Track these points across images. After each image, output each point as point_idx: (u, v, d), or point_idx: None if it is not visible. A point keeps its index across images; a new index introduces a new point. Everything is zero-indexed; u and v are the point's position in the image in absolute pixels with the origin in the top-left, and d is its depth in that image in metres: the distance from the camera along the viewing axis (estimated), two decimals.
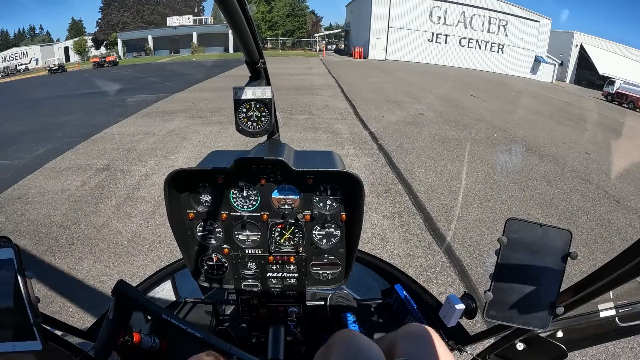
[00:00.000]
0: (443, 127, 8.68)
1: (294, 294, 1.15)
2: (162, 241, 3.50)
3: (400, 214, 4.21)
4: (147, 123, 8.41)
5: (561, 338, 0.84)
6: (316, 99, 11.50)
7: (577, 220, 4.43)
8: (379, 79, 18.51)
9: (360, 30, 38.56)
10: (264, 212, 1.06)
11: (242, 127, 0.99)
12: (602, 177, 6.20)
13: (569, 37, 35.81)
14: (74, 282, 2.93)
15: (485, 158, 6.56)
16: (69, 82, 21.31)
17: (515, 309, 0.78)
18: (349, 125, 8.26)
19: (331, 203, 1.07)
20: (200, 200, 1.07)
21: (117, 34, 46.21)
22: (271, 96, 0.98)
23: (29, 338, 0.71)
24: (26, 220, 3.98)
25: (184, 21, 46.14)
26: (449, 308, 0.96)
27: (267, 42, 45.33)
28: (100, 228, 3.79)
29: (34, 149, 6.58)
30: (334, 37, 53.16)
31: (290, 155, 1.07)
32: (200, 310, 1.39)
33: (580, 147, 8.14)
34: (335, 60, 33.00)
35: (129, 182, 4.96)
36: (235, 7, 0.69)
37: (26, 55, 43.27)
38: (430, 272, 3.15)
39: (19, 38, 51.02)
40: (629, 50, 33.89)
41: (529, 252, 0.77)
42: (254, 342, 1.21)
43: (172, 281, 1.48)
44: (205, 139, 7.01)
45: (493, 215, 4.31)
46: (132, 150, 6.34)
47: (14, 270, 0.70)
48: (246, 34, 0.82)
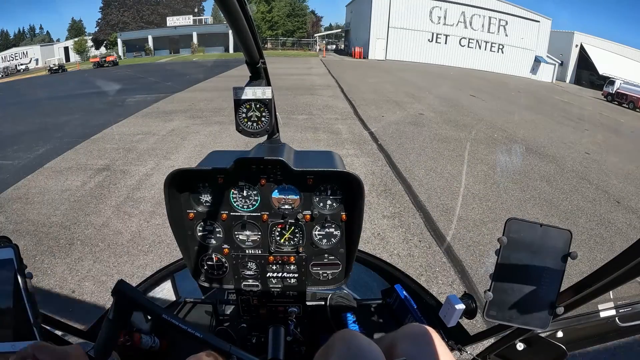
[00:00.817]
0: (443, 127, 8.68)
1: (294, 294, 1.15)
2: (162, 241, 3.50)
3: (400, 214, 4.20)
4: (147, 123, 8.41)
5: (561, 338, 0.83)
6: (316, 99, 11.50)
7: (577, 220, 4.43)
8: (379, 79, 18.51)
9: (360, 30, 38.55)
10: (264, 212, 1.06)
11: (242, 127, 0.99)
12: (602, 177, 6.20)
13: (569, 37, 35.80)
14: (74, 282, 2.93)
15: (485, 158, 6.56)
16: (69, 82, 21.30)
17: (515, 309, 0.78)
18: (349, 125, 8.26)
19: (331, 203, 1.07)
20: (200, 200, 1.07)
21: (117, 34, 46.21)
22: (271, 96, 0.98)
23: (29, 338, 0.71)
24: (26, 220, 3.98)
25: (184, 21, 46.13)
26: (449, 308, 0.96)
27: (267, 42, 45.32)
28: (100, 228, 3.79)
29: (34, 149, 6.58)
30: (334, 37, 53.16)
31: (290, 155, 1.07)
32: (200, 310, 1.39)
33: (580, 147, 8.14)
34: (335, 60, 33.01)
35: (129, 182, 4.96)
36: (235, 7, 0.69)
37: (26, 55, 43.26)
38: (430, 272, 3.15)
39: (19, 38, 51.00)
40: (629, 50, 33.88)
41: (529, 252, 0.77)
42: (254, 342, 1.21)
43: (172, 281, 1.48)
44: (205, 139, 7.01)
45: (493, 215, 4.31)
46: (132, 150, 6.34)
47: (14, 270, 0.70)
48: (246, 34, 0.82)
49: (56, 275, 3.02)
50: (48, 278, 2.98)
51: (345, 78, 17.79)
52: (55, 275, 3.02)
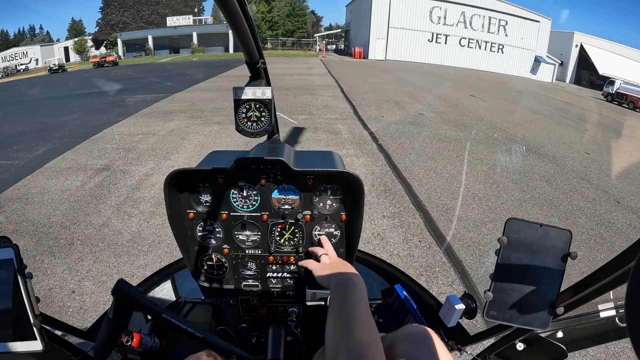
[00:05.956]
0: (443, 127, 8.68)
1: (294, 294, 1.15)
2: (162, 241, 3.50)
3: (400, 214, 4.20)
4: (147, 123, 8.41)
5: (561, 338, 0.84)
6: (316, 99, 11.50)
7: (577, 220, 4.43)
8: (379, 79, 18.51)
9: (360, 30, 38.57)
10: (264, 212, 1.06)
11: (242, 127, 0.99)
12: (602, 177, 6.20)
13: (569, 37, 35.82)
14: (74, 282, 2.93)
15: (485, 158, 6.56)
16: (69, 82, 21.31)
17: (515, 309, 0.78)
18: (349, 126, 8.26)
19: (331, 203, 1.07)
20: (200, 200, 1.07)
21: (117, 34, 46.23)
22: (271, 96, 0.98)
23: (29, 338, 0.71)
24: (26, 220, 3.98)
25: (184, 21, 46.14)
26: (449, 308, 0.96)
27: (267, 42, 45.34)
28: (100, 228, 3.79)
29: (34, 149, 6.58)
30: (334, 37, 53.17)
31: (290, 155, 1.07)
32: (200, 310, 1.39)
33: (580, 147, 8.14)
34: (335, 60, 33.00)
35: (129, 182, 4.96)
36: (235, 7, 0.69)
37: (26, 55, 43.29)
38: (430, 272, 3.15)
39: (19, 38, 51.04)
40: (629, 50, 33.89)
41: (529, 252, 0.77)
42: (254, 342, 1.21)
43: (172, 281, 1.48)
44: (205, 139, 7.01)
45: (493, 215, 4.31)
46: (132, 150, 6.34)
47: (14, 270, 0.70)
48: (246, 34, 0.82)
49: (56, 275, 3.02)
50: (48, 278, 2.98)
51: (345, 78, 17.79)
52: (55, 275, 3.02)
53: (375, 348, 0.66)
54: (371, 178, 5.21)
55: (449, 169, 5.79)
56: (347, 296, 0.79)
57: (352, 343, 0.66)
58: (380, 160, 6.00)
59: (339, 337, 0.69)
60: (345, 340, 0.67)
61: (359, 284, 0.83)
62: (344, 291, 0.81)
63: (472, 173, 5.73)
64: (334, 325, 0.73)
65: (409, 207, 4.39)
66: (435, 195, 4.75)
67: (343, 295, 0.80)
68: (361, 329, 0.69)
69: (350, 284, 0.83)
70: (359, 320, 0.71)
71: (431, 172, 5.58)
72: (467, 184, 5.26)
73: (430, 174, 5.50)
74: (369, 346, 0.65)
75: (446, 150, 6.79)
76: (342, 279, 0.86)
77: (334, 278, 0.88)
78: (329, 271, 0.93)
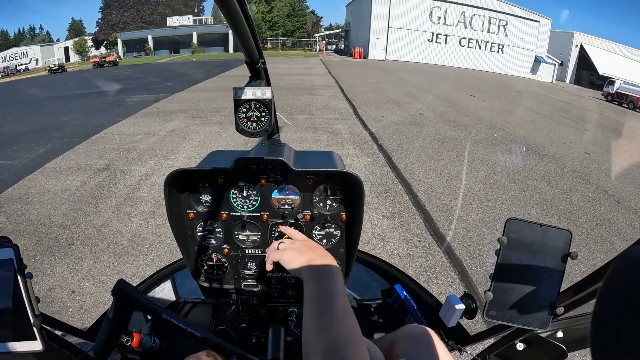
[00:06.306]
0: (443, 127, 8.68)
1: (294, 293, 1.15)
2: (162, 241, 3.50)
3: (400, 214, 4.20)
4: (147, 123, 8.41)
5: (561, 338, 0.83)
6: (316, 99, 11.50)
7: (577, 220, 4.43)
8: (379, 79, 18.51)
9: (360, 30, 38.58)
10: (264, 212, 1.06)
11: (242, 127, 0.99)
12: (602, 177, 6.20)
13: (569, 37, 35.84)
14: (74, 282, 2.93)
15: (485, 158, 6.56)
16: (69, 82, 21.31)
17: (515, 309, 0.78)
18: (349, 126, 8.26)
19: (331, 203, 1.07)
20: (200, 200, 1.07)
21: (117, 34, 46.25)
22: (271, 96, 0.98)
23: (29, 338, 0.71)
24: (26, 220, 3.98)
25: (184, 21, 46.17)
26: (449, 308, 0.97)
27: (267, 42, 45.37)
28: (100, 228, 3.79)
29: (34, 149, 6.58)
30: (334, 37, 53.19)
31: (290, 155, 1.07)
32: (200, 310, 1.39)
33: (580, 147, 8.14)
34: (335, 60, 33.01)
35: (128, 182, 4.96)
36: (235, 7, 0.69)
37: (26, 56, 43.32)
38: (430, 272, 3.15)
39: (19, 38, 51.05)
40: (629, 50, 33.92)
41: (529, 252, 0.77)
42: (254, 342, 1.21)
43: (172, 281, 1.48)
44: (205, 139, 7.01)
45: (493, 215, 4.31)
46: (132, 150, 6.34)
47: (14, 270, 0.70)
48: (246, 34, 0.82)
49: (56, 275, 3.02)
50: (48, 278, 2.98)
51: (345, 78, 17.79)
52: (55, 275, 3.02)
53: (355, 346, 0.59)
54: (371, 178, 5.21)
55: (449, 169, 5.79)
56: (324, 287, 0.71)
57: (331, 340, 0.59)
58: (380, 160, 6.00)
59: (315, 336, 0.62)
60: (322, 339, 0.60)
61: (334, 272, 0.74)
62: (317, 282, 0.73)
63: (472, 173, 5.73)
64: (308, 321, 0.65)
65: (409, 207, 4.39)
66: (435, 195, 4.75)
67: (318, 286, 0.72)
68: (339, 324, 0.62)
69: (325, 272, 0.75)
70: (334, 315, 0.64)
71: (431, 172, 5.58)
72: (467, 184, 5.26)
73: (430, 174, 5.50)
74: (347, 344, 0.58)
75: (446, 150, 6.79)
76: (315, 269, 0.76)
77: (305, 269, 0.77)
78: (297, 260, 0.80)
